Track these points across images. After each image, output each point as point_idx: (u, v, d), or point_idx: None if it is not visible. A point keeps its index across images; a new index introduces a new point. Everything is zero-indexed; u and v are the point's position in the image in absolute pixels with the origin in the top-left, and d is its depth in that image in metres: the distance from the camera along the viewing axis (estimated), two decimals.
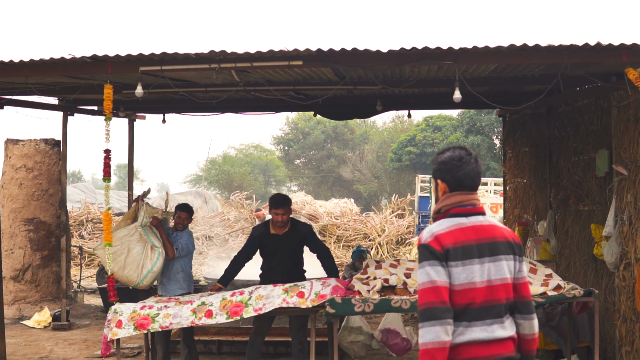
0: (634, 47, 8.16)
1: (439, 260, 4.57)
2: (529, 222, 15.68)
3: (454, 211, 4.80)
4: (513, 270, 4.75)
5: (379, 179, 64.21)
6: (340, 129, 67.42)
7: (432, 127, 57.30)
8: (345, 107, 14.42)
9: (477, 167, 4.98)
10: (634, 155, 10.10)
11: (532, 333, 4.80)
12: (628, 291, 10.27)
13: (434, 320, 4.46)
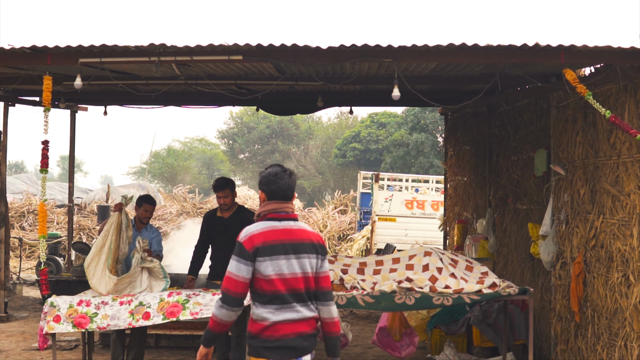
0: (572, 49, 8.23)
1: (246, 259, 5.75)
2: (469, 220, 15.79)
3: (270, 216, 5.92)
4: (315, 266, 5.91)
5: (323, 175, 64.31)
6: (285, 124, 67.37)
7: (376, 124, 57.47)
8: (288, 102, 14.42)
9: (289, 181, 6.01)
10: (572, 155, 10.22)
11: (331, 317, 6.01)
12: (564, 290, 10.39)
13: (226, 305, 5.78)
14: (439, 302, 9.02)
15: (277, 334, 5.79)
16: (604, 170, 9.33)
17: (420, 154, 50.95)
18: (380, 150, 56.03)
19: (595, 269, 9.50)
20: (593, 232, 9.56)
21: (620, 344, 8.90)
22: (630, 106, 8.73)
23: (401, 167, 51.28)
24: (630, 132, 8.16)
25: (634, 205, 8.64)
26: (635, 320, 8.54)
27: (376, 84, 11.66)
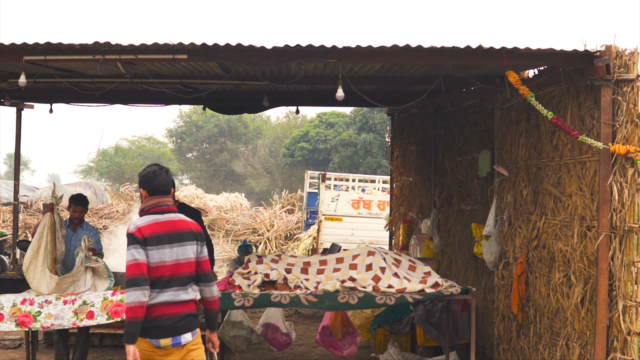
0: (515, 51, 8.29)
1: (140, 244, 6.45)
2: (414, 220, 15.87)
3: (153, 210, 6.68)
4: (196, 252, 6.74)
5: (271, 174, 64.27)
6: (233, 123, 67.21)
7: (325, 124, 57.52)
8: (234, 101, 14.38)
9: (167, 177, 6.81)
10: (515, 156, 10.31)
11: (212, 296, 6.91)
12: (506, 290, 10.48)
13: (136, 287, 6.35)
14: (382, 301, 9.06)
15: (153, 314, 6.48)
16: (547, 172, 9.43)
17: (368, 154, 51.07)
18: (328, 150, 56.08)
19: (538, 269, 9.60)
20: (535, 232, 9.66)
21: (562, 343, 9.00)
22: (573, 108, 8.84)
23: (349, 167, 51.37)
24: (572, 134, 8.25)
25: (576, 206, 8.74)
26: (577, 320, 8.64)
27: (322, 84, 11.67)
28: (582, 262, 8.53)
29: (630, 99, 8.03)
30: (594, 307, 8.28)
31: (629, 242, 8.04)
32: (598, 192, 8.14)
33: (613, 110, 8.14)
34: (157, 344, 6.50)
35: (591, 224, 8.40)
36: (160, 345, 6.51)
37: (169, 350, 6.56)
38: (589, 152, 8.41)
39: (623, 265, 8.04)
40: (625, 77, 8.07)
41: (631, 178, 7.99)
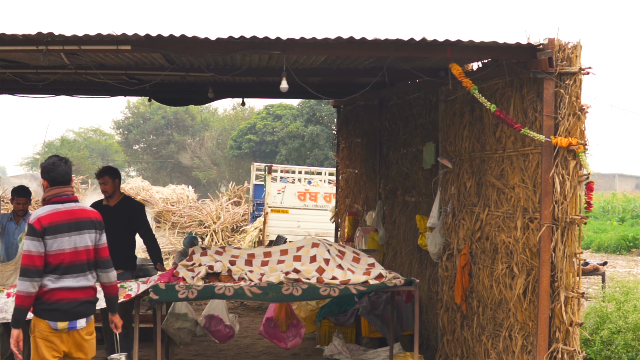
0: (458, 44, 8.31)
1: (37, 235, 6.85)
2: (359, 212, 15.90)
3: (54, 200, 7.06)
4: (94, 240, 7.19)
5: (219, 166, 64.11)
6: (180, 115, 66.94)
7: (272, 116, 57.50)
8: (180, 93, 14.31)
9: (66, 168, 7.18)
10: (459, 148, 10.37)
11: (109, 282, 7.37)
12: (450, 281, 10.54)
13: (27, 277, 6.81)
14: (326, 293, 9.06)
15: (53, 298, 6.95)
16: (490, 164, 9.49)
17: (316, 146, 51.12)
18: (275, 142, 56.08)
19: (481, 261, 9.66)
20: (479, 224, 9.72)
21: (505, 334, 9.06)
22: (516, 101, 8.89)
23: (296, 159, 51.38)
24: (515, 127, 8.30)
25: (518, 198, 8.80)
26: (519, 311, 8.70)
27: (268, 75, 11.63)
28: (525, 254, 8.60)
29: (573, 91, 8.08)
30: (536, 298, 8.34)
31: (570, 234, 8.11)
32: (540, 184, 8.19)
33: (555, 103, 8.19)
34: (55, 326, 6.97)
35: (533, 216, 8.46)
36: (57, 328, 6.98)
37: (64, 334, 7.03)
38: (532, 144, 8.47)
39: (565, 256, 8.11)
40: (568, 70, 8.12)
41: (573, 170, 8.05)
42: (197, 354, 12.08)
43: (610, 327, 10.28)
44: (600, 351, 9.94)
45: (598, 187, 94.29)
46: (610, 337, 10.15)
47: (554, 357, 8.21)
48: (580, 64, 8.15)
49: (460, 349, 10.27)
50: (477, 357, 9.75)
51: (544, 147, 8.11)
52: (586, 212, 8.14)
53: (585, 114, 8.08)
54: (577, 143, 7.96)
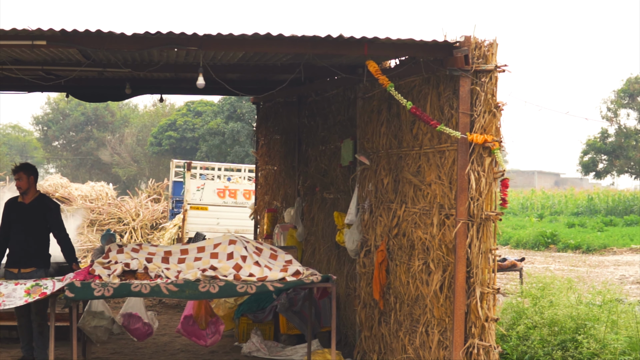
0: (375, 41, 8.33)
1: None
2: (278, 209, 15.88)
3: None
4: None
5: (139, 163, 63.67)
6: (100, 111, 66.29)
7: (193, 113, 57.27)
8: (98, 89, 14.17)
9: None
10: (376, 145, 10.40)
11: None
12: (368, 278, 10.57)
13: None
14: (243, 290, 9.02)
15: None
16: (407, 161, 9.53)
17: (236, 143, 51.05)
18: (196, 139, 55.85)
19: (398, 257, 9.70)
20: (396, 220, 9.76)
21: (422, 330, 9.11)
22: (432, 98, 8.94)
23: (217, 156, 51.24)
24: (431, 124, 8.35)
25: (435, 194, 8.85)
26: (436, 306, 8.75)
27: (186, 72, 11.54)
28: (441, 250, 8.65)
29: (489, 89, 8.15)
30: (452, 294, 8.40)
31: (486, 230, 8.17)
32: (456, 181, 8.25)
33: (471, 100, 8.25)
34: None
35: (449, 212, 8.52)
36: None
37: None
38: (448, 141, 8.52)
39: (480, 252, 8.17)
40: (484, 68, 8.18)
41: (488, 167, 8.12)
42: (114, 352, 11.96)
43: (526, 323, 10.40)
44: (517, 346, 10.04)
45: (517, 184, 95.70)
46: (526, 332, 10.27)
47: (470, 352, 8.27)
48: (496, 61, 8.22)
49: (378, 345, 10.31)
50: (395, 353, 9.79)
51: (459, 144, 8.16)
52: (501, 209, 8.22)
53: (500, 111, 8.15)
54: (492, 140, 8.03)
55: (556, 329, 10.13)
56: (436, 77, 8.86)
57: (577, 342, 9.67)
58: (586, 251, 29.80)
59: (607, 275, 21.83)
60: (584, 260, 26.57)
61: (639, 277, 21.60)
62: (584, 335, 9.68)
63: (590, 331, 9.77)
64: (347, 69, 10.45)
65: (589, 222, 40.88)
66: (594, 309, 10.51)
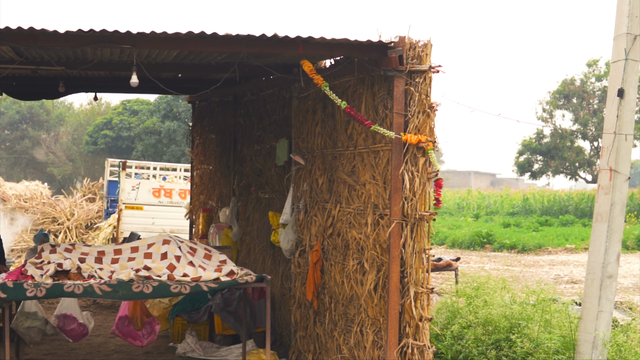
0: (310, 40, 8.32)
1: None
2: (214, 209, 15.82)
3: None
4: None
5: (74, 162, 63.04)
6: (35, 109, 65.53)
7: (129, 111, 56.89)
8: (32, 87, 14.01)
9: None
10: (311, 145, 10.39)
11: None
12: (303, 277, 10.56)
13: None
14: (177, 290, 8.95)
15: None
16: (342, 160, 9.54)
17: (173, 142, 50.81)
18: (132, 138, 55.47)
19: (333, 257, 9.70)
20: (330, 220, 9.76)
21: (356, 329, 9.12)
22: (367, 98, 8.95)
23: (153, 155, 50.95)
24: (365, 124, 8.36)
25: (369, 194, 8.87)
26: (370, 306, 8.77)
27: (121, 70, 11.43)
28: (375, 250, 8.67)
29: (423, 89, 8.18)
30: (386, 294, 8.43)
31: (420, 230, 8.20)
32: (390, 181, 8.27)
33: (406, 100, 8.28)
34: None
35: (384, 212, 8.54)
36: None
37: None
38: (382, 141, 8.55)
39: (414, 252, 8.20)
40: (418, 68, 8.21)
41: (422, 167, 8.15)
42: (48, 353, 11.83)
43: (460, 322, 10.45)
44: (451, 346, 10.08)
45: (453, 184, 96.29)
46: (460, 331, 10.31)
47: (405, 352, 8.30)
48: (431, 62, 8.26)
49: (313, 345, 10.30)
50: (330, 352, 9.80)
51: (394, 144, 8.19)
52: (435, 209, 8.25)
53: (434, 112, 8.19)
54: (426, 140, 8.06)
55: (490, 329, 10.19)
56: (371, 77, 8.88)
57: (511, 341, 9.73)
58: (521, 251, 30.07)
59: (542, 275, 22.05)
60: (519, 260, 26.80)
61: (573, 276, 21.84)
62: (517, 335, 9.74)
63: (524, 330, 9.83)
64: (283, 69, 10.43)
65: (524, 222, 41.26)
66: (527, 309, 10.58)
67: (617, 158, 8.85)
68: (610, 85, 9.01)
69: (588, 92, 56.57)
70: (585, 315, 9.05)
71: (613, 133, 8.83)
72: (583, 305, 9.15)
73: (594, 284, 8.96)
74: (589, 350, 8.96)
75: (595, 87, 56.69)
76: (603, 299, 8.94)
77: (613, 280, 8.99)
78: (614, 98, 8.85)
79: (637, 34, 8.78)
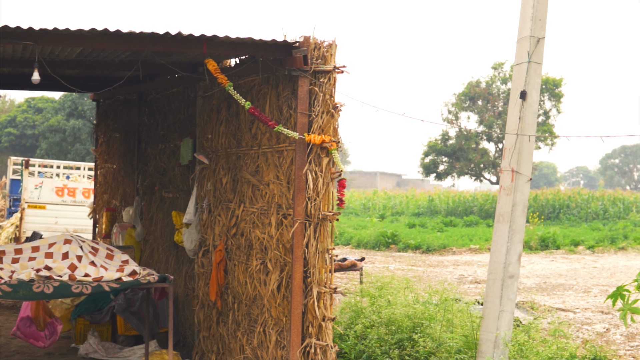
0: (214, 39, 8.28)
1: None
2: (117, 208, 15.67)
3: None
4: None
5: None
6: None
7: (33, 109, 56.08)
8: None
9: None
10: (216, 145, 10.36)
11: None
12: (206, 278, 10.52)
13: None
14: (78, 290, 8.83)
15: None
16: (246, 160, 9.52)
17: (77, 140, 50.23)
18: (36, 136, 54.70)
19: (236, 257, 9.68)
20: (234, 220, 9.74)
21: (259, 329, 9.12)
22: (272, 98, 8.96)
23: (57, 154, 50.29)
24: (269, 124, 8.36)
25: (273, 194, 8.87)
26: (273, 306, 8.77)
27: (24, 67, 11.25)
28: (279, 250, 8.68)
29: (327, 90, 8.20)
30: (289, 294, 8.44)
31: (323, 230, 8.23)
32: (294, 181, 8.29)
33: (310, 100, 8.30)
34: None
35: (287, 212, 8.55)
36: None
37: None
38: (286, 141, 8.56)
39: (318, 252, 8.22)
40: (323, 69, 8.23)
41: (326, 167, 8.17)
42: None
43: (364, 322, 10.52)
44: (355, 345, 10.14)
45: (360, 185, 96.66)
46: (364, 331, 10.38)
47: (308, 352, 8.32)
48: (335, 62, 8.28)
49: (217, 345, 10.27)
50: (233, 353, 9.78)
51: (297, 144, 8.20)
52: (339, 209, 8.28)
53: (338, 112, 8.22)
54: (330, 140, 8.08)
55: (393, 328, 10.27)
56: (275, 77, 8.88)
57: (413, 341, 9.82)
58: (426, 251, 30.36)
59: (446, 275, 22.30)
60: (423, 260, 27.07)
61: (477, 276, 22.13)
62: (420, 334, 9.83)
63: (426, 330, 9.93)
64: (188, 67, 10.38)
65: (429, 222, 41.69)
66: (430, 308, 10.69)
67: (519, 159, 8.99)
68: (513, 87, 9.15)
69: (493, 94, 57.54)
70: (487, 314, 9.18)
71: (515, 135, 8.97)
72: (485, 305, 9.27)
73: (496, 284, 9.08)
74: (490, 349, 9.08)
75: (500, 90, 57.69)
76: (504, 298, 9.07)
77: (514, 280, 9.12)
78: (517, 100, 8.99)
79: (540, 36, 8.93)
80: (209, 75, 8.64)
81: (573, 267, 25.10)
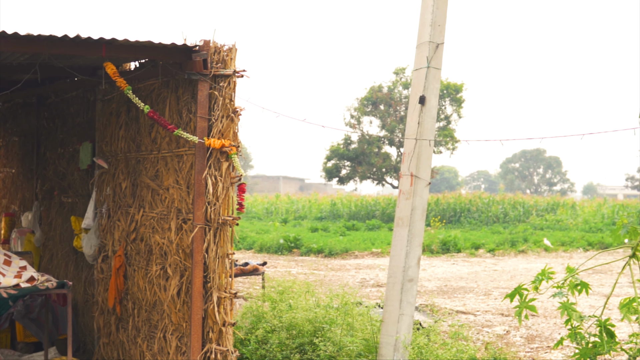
0: (113, 42, 8.20)
1: None
2: (16, 213, 15.41)
3: None
4: None
5: None
6: None
7: None
8: None
9: None
10: (115, 149, 10.27)
11: None
12: (106, 283, 10.42)
13: None
14: None
15: None
16: (145, 165, 9.46)
17: None
18: None
19: (136, 262, 9.61)
20: (134, 225, 9.66)
21: (160, 335, 9.07)
22: (172, 101, 8.91)
23: None
24: (168, 128, 8.31)
25: (173, 199, 8.83)
26: (173, 312, 8.73)
27: None
28: (179, 255, 8.64)
29: (227, 94, 8.19)
30: (189, 299, 8.40)
31: (223, 235, 8.21)
32: (194, 186, 8.26)
33: (210, 104, 8.28)
34: None
35: (187, 217, 8.52)
36: None
37: None
38: (186, 145, 8.53)
39: (218, 257, 8.20)
40: (223, 73, 8.22)
41: (226, 172, 8.16)
42: None
43: (265, 327, 10.53)
44: (256, 350, 10.14)
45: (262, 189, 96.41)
46: (265, 336, 10.39)
47: (208, 357, 8.30)
48: (235, 66, 8.27)
49: (117, 351, 10.17)
50: (134, 359, 9.69)
51: (197, 148, 8.17)
52: (239, 213, 8.27)
53: (238, 117, 8.21)
54: (230, 145, 8.08)
55: (294, 332, 10.30)
56: (175, 81, 8.85)
57: (314, 345, 9.87)
58: (328, 255, 30.44)
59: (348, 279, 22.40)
60: (326, 264, 27.15)
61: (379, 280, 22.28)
62: (321, 339, 9.88)
63: (327, 334, 9.98)
64: (88, 71, 10.26)
65: (332, 226, 41.85)
66: (331, 312, 10.74)
67: (418, 164, 9.11)
68: (412, 92, 9.26)
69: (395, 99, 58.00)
70: (387, 318, 9.26)
71: (414, 139, 9.08)
72: (385, 309, 9.35)
73: (395, 288, 9.17)
74: (390, 352, 9.17)
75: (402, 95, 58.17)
76: (404, 302, 9.17)
77: (414, 284, 9.22)
78: (416, 105, 9.10)
79: (440, 42, 9.05)
80: (108, 78, 8.56)
81: (474, 270, 25.45)
